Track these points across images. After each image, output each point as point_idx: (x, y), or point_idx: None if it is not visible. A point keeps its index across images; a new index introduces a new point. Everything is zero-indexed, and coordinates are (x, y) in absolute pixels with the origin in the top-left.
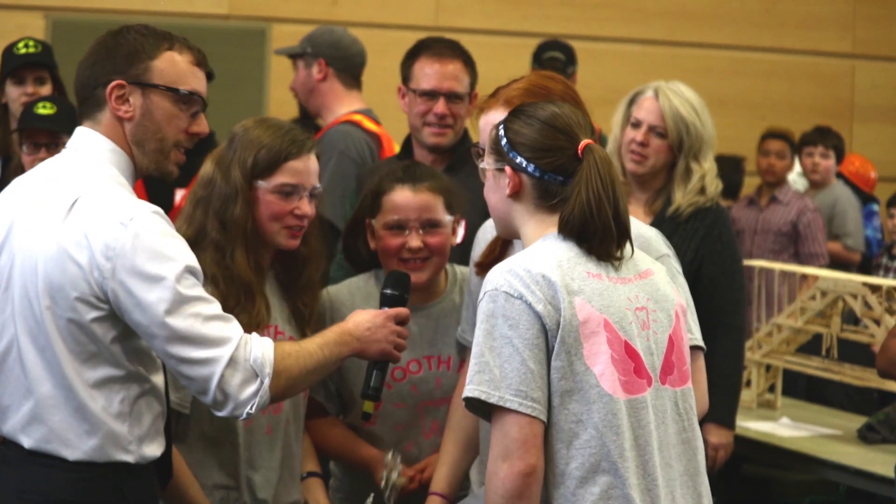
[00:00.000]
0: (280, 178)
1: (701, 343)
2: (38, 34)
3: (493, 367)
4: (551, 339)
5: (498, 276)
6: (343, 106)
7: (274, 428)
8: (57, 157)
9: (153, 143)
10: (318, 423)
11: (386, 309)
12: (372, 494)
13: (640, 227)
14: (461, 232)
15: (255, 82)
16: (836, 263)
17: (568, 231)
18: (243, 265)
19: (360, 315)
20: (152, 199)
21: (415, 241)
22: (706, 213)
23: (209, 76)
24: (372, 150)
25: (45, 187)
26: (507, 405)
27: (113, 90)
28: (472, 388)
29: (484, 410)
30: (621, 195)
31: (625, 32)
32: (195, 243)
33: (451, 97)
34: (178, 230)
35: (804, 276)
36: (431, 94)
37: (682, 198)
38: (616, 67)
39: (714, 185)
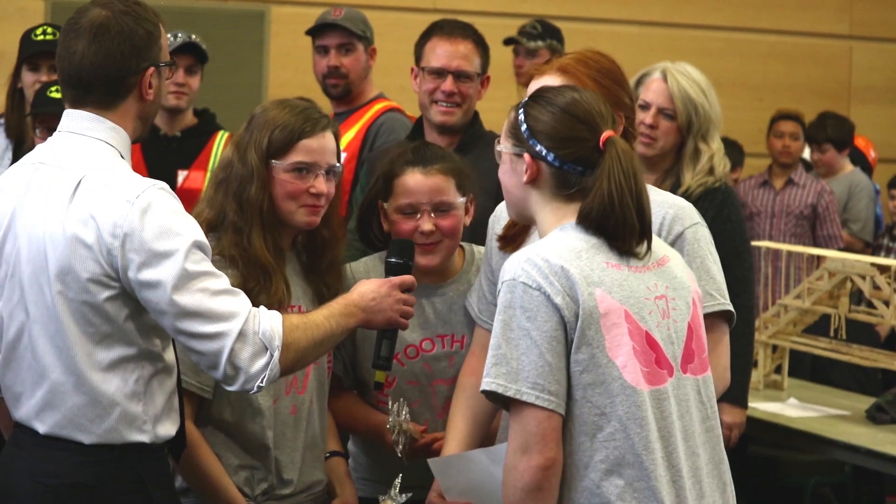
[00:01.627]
0: (294, 157)
1: (729, 306)
2: (38, 16)
3: (511, 360)
4: (570, 331)
5: (516, 266)
6: (373, 90)
7: (298, 408)
8: (52, 140)
9: (154, 114)
10: (332, 396)
11: (391, 277)
12: (400, 475)
13: (672, 197)
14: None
15: (255, 65)
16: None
17: (588, 223)
18: (260, 246)
19: (365, 285)
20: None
21: (427, 225)
22: (715, 193)
23: (202, 55)
24: None
25: (45, 171)
26: (524, 398)
27: (149, 78)
28: (489, 380)
29: (502, 401)
30: (644, 188)
31: (622, 14)
32: (216, 225)
33: (460, 76)
34: (200, 213)
35: (812, 258)
36: (440, 73)
37: (692, 178)
38: (613, 49)
39: (722, 165)
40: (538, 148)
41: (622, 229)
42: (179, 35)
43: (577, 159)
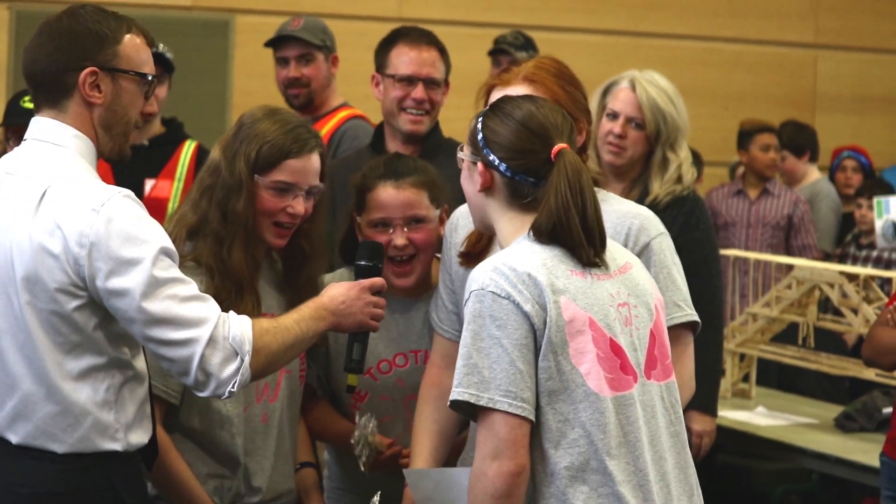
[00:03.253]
0: (277, 175)
1: (695, 317)
2: (2, 25)
3: (482, 369)
4: (539, 338)
5: (483, 275)
6: (337, 99)
7: (270, 416)
8: (18, 149)
9: (120, 127)
10: (305, 405)
11: (360, 280)
12: (378, 493)
13: (637, 207)
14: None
15: (219, 74)
16: None
17: (539, 238)
18: (239, 260)
19: (335, 289)
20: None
21: (399, 239)
22: (683, 201)
23: (168, 66)
24: None
25: (11, 182)
26: (498, 406)
27: (86, 77)
28: (460, 390)
29: (470, 411)
30: (591, 202)
31: (588, 23)
32: (197, 232)
33: (429, 83)
34: (184, 216)
35: (781, 266)
36: (410, 80)
37: (660, 187)
38: (579, 58)
39: (690, 174)
40: (491, 157)
41: (571, 242)
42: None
43: (529, 170)
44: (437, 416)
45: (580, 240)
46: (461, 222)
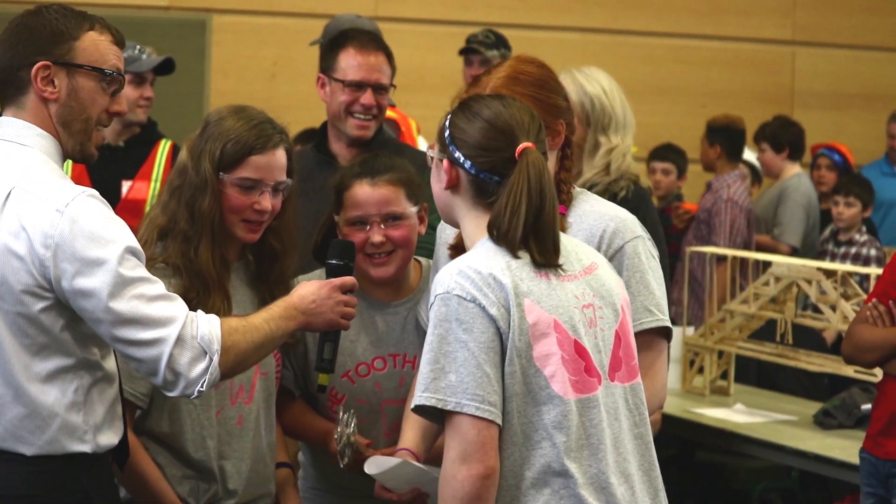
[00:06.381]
0: (242, 172)
1: (667, 322)
2: None
3: (449, 373)
4: (505, 341)
5: (448, 279)
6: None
7: (245, 419)
8: None
9: (78, 124)
10: (280, 404)
11: (331, 279)
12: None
13: (615, 209)
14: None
15: (196, 74)
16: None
17: (493, 235)
18: (207, 259)
19: (305, 288)
20: (99, 191)
21: (376, 236)
22: (631, 196)
23: (169, 67)
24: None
25: None
26: (465, 411)
27: (38, 71)
28: (427, 395)
29: (436, 415)
30: (549, 203)
31: (564, 21)
32: (167, 232)
33: (378, 88)
34: (155, 218)
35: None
36: (359, 86)
37: (590, 171)
38: (556, 56)
39: (619, 164)
40: (456, 154)
41: (523, 242)
42: (141, 51)
43: (493, 168)
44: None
45: (525, 240)
46: None
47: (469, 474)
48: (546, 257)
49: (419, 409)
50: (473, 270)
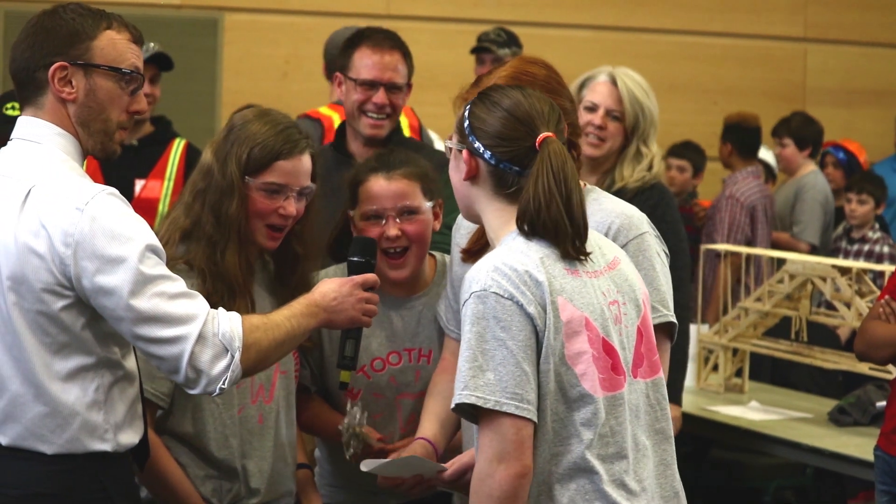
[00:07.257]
0: (268, 177)
1: (672, 318)
2: None
3: (488, 371)
4: (541, 339)
5: (484, 275)
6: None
7: (265, 417)
8: (4, 149)
9: (98, 124)
10: (298, 402)
11: (353, 276)
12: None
13: (622, 205)
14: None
15: (208, 73)
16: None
17: (522, 227)
18: (233, 263)
19: (326, 285)
20: None
21: (392, 230)
22: (651, 192)
23: (168, 64)
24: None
25: None
26: (504, 409)
27: (55, 72)
28: (467, 393)
29: (472, 413)
30: (575, 191)
31: (575, 18)
32: (190, 235)
33: (391, 88)
34: (176, 220)
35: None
36: (371, 84)
37: (631, 176)
38: (567, 54)
39: (656, 171)
40: (476, 145)
41: (554, 233)
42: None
43: (513, 158)
44: (442, 407)
45: (565, 228)
46: (465, 221)
47: (507, 474)
48: (577, 248)
49: (457, 408)
50: (509, 267)
